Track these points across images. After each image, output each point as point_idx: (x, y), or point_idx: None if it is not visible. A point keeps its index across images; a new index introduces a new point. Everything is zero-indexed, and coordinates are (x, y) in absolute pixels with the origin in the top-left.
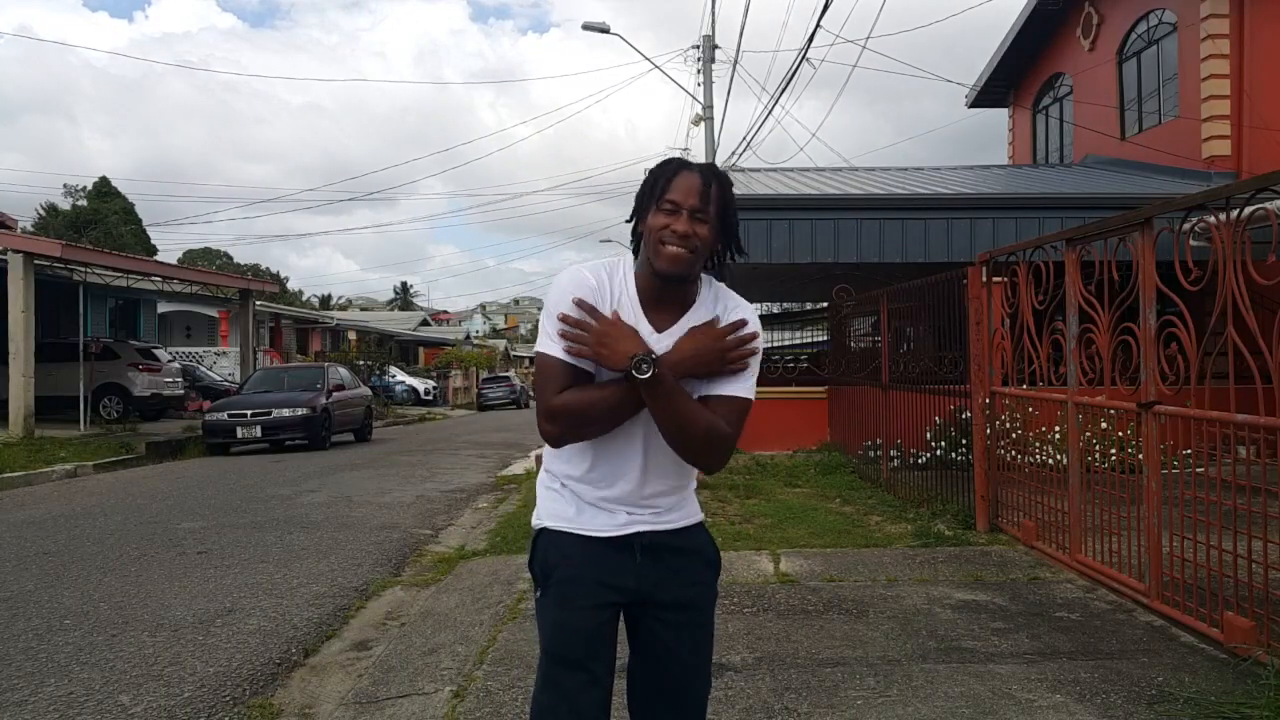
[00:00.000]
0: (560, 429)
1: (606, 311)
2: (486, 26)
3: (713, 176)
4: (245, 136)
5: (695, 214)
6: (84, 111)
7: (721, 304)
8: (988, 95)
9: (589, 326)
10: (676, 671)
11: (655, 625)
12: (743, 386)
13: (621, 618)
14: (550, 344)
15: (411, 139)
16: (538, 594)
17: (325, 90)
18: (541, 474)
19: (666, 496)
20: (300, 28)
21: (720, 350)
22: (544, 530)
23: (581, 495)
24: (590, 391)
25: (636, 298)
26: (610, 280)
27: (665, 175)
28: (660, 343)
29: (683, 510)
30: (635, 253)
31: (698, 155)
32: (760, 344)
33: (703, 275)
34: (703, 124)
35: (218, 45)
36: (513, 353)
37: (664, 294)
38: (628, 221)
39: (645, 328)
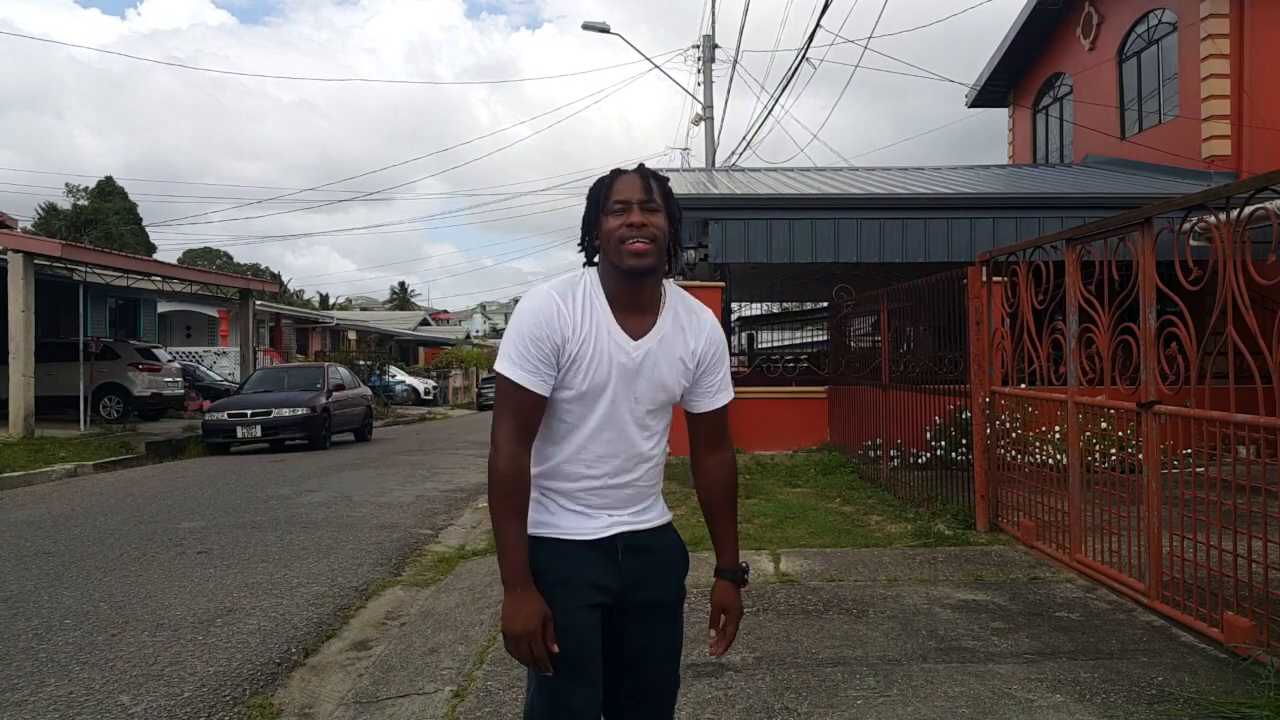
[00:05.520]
0: (495, 479)
1: (576, 329)
2: (479, 22)
3: (649, 173)
4: (238, 134)
5: (645, 205)
6: (79, 110)
7: (685, 309)
8: (988, 95)
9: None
10: (652, 673)
11: (632, 626)
12: (730, 390)
13: None
14: (512, 367)
15: (406, 135)
16: None
17: (318, 87)
18: None
19: (644, 491)
20: (292, 24)
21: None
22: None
23: (561, 503)
24: (517, 499)
25: (608, 306)
26: (575, 295)
27: (606, 183)
28: (638, 350)
29: (658, 509)
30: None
31: (698, 154)
32: (724, 343)
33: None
34: (703, 123)
35: (209, 42)
36: None
37: (635, 297)
38: (579, 245)
39: (622, 338)
